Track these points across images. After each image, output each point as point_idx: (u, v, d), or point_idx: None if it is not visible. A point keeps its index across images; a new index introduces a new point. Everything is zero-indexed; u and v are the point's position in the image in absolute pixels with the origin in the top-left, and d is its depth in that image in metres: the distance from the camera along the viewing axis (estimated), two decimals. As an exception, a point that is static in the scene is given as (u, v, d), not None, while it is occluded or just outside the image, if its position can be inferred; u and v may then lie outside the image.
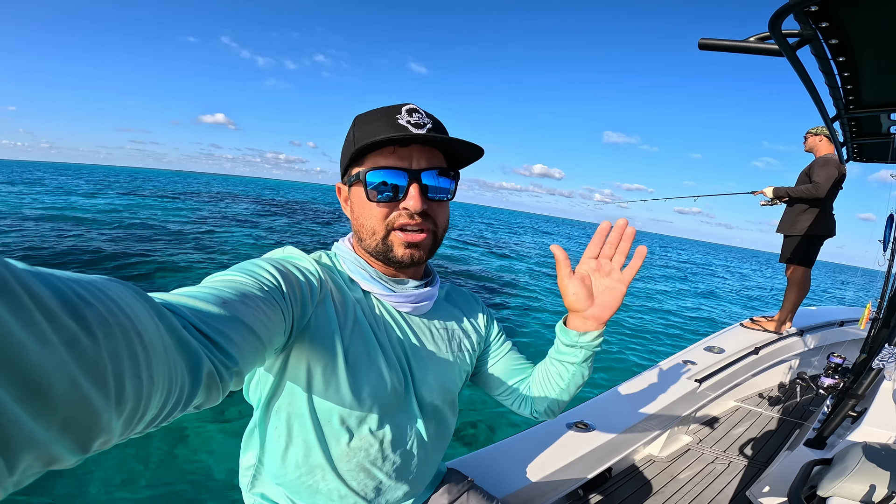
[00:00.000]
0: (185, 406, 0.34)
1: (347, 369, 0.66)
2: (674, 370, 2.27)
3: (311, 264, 0.68)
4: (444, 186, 0.71)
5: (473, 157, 0.73)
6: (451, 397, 0.83)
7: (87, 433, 0.22)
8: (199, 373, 0.35)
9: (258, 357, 0.49)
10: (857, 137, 1.79)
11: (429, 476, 0.85)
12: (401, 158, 0.67)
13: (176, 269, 7.82)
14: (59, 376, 0.20)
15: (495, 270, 11.98)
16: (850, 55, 1.02)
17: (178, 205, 20.35)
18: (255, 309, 0.49)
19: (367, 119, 0.69)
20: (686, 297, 12.79)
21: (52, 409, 0.20)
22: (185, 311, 0.40)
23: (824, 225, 3.14)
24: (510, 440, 1.45)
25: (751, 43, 1.03)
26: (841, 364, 2.09)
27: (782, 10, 0.86)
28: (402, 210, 0.68)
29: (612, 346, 6.31)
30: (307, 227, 17.12)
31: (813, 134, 3.19)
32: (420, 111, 0.68)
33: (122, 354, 0.24)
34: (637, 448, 1.79)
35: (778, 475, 1.72)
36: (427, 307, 0.79)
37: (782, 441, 2.34)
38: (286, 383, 0.68)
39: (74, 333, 0.21)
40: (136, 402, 0.25)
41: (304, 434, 0.69)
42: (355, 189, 0.70)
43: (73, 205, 15.85)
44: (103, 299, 0.25)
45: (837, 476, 1.20)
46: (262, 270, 0.57)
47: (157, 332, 0.29)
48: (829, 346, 3.31)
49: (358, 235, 0.72)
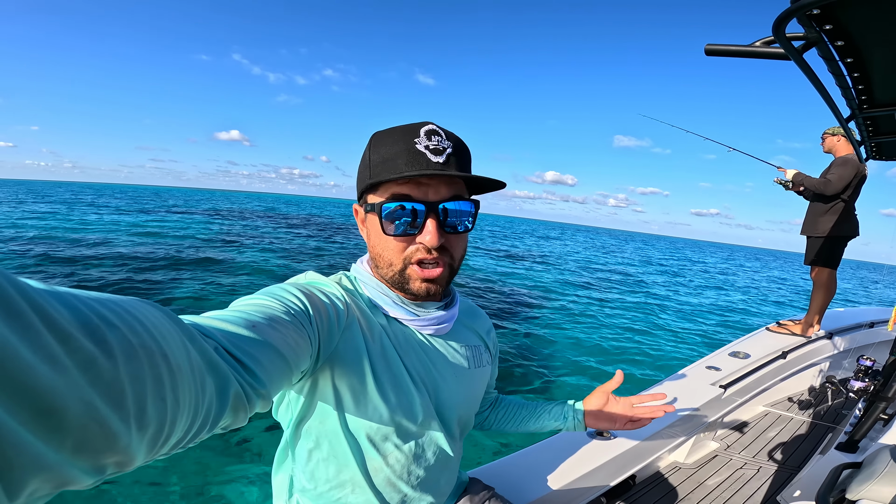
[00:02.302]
0: (212, 427, 0.34)
1: (375, 391, 0.67)
2: (697, 376, 2.23)
3: (335, 289, 0.68)
4: (464, 215, 0.68)
5: (495, 186, 0.71)
6: (474, 411, 0.86)
7: (102, 455, 0.22)
8: (227, 394, 0.36)
9: (285, 380, 0.49)
10: (874, 136, 1.76)
11: (451, 487, 0.87)
12: (418, 186, 0.64)
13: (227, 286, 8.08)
14: (72, 400, 0.20)
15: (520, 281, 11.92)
16: (858, 56, 1.01)
17: (229, 223, 21.19)
18: (283, 333, 0.50)
19: (384, 141, 0.66)
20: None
21: (63, 432, 0.19)
22: (215, 334, 0.40)
23: (847, 225, 3.08)
24: (531, 448, 1.45)
25: (757, 48, 1.03)
26: (871, 367, 2.03)
27: (784, 14, 0.85)
28: (419, 245, 0.66)
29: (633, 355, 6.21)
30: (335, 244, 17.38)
31: (830, 134, 3.15)
32: (440, 132, 0.65)
33: (144, 377, 0.24)
34: (661, 455, 1.77)
35: (809, 480, 1.67)
36: (448, 328, 0.79)
37: (814, 446, 2.28)
38: (316, 404, 0.68)
39: (91, 356, 0.21)
40: (159, 424, 0.25)
41: (334, 452, 0.71)
42: (371, 217, 0.69)
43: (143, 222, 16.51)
44: (129, 321, 0.25)
45: (866, 479, 1.17)
46: (289, 295, 0.58)
47: (186, 355, 0.30)
48: (858, 348, 3.21)
49: (375, 263, 0.71)
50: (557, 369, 5.21)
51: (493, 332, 0.93)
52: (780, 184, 3.37)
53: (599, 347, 6.35)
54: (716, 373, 2.26)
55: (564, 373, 5.14)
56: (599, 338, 6.83)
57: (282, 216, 32.30)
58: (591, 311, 8.93)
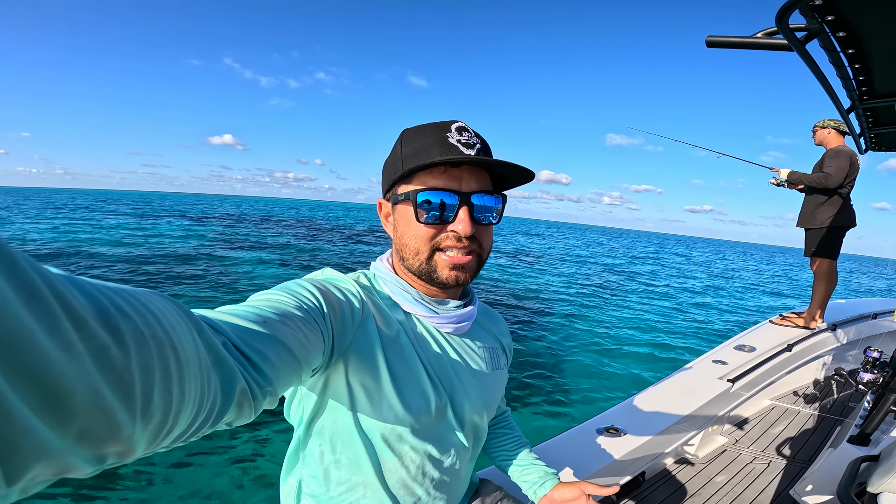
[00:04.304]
0: (216, 422, 0.34)
1: (391, 389, 0.66)
2: (704, 370, 2.22)
3: (352, 286, 0.68)
4: (492, 209, 0.70)
5: (522, 180, 0.72)
6: (492, 412, 0.85)
7: (105, 444, 0.22)
8: (233, 390, 0.35)
9: (294, 377, 0.48)
10: (873, 127, 1.76)
11: (464, 488, 0.86)
12: (451, 179, 0.66)
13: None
14: (81, 386, 0.19)
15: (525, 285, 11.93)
16: (860, 47, 1.01)
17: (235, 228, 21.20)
18: (295, 329, 0.49)
19: (416, 135, 0.68)
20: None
21: (69, 419, 0.19)
22: (225, 328, 0.40)
23: (845, 216, 3.10)
24: (540, 447, 1.44)
25: (759, 39, 1.03)
26: (879, 358, 2.02)
27: (788, 4, 0.86)
28: (449, 232, 0.67)
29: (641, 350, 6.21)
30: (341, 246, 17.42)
31: (821, 127, 3.17)
32: (469, 130, 0.68)
33: (153, 368, 0.24)
34: (670, 451, 1.76)
35: (822, 473, 1.66)
36: (467, 327, 0.79)
37: (823, 439, 2.27)
38: (329, 402, 0.67)
39: (104, 344, 0.21)
40: (163, 417, 0.25)
41: (347, 452, 0.70)
42: (401, 207, 0.69)
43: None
44: (142, 311, 0.25)
45: (887, 472, 1.16)
46: (304, 291, 0.57)
47: (194, 348, 0.29)
48: (863, 339, 3.21)
49: (400, 254, 0.71)
50: (566, 371, 5.21)
51: (509, 336, 0.93)
52: (776, 185, 3.37)
53: (606, 347, 6.35)
54: (722, 367, 2.26)
55: (574, 373, 5.13)
56: (607, 338, 6.83)
57: (277, 220, 32.37)
58: (604, 311, 8.95)
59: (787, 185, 3.32)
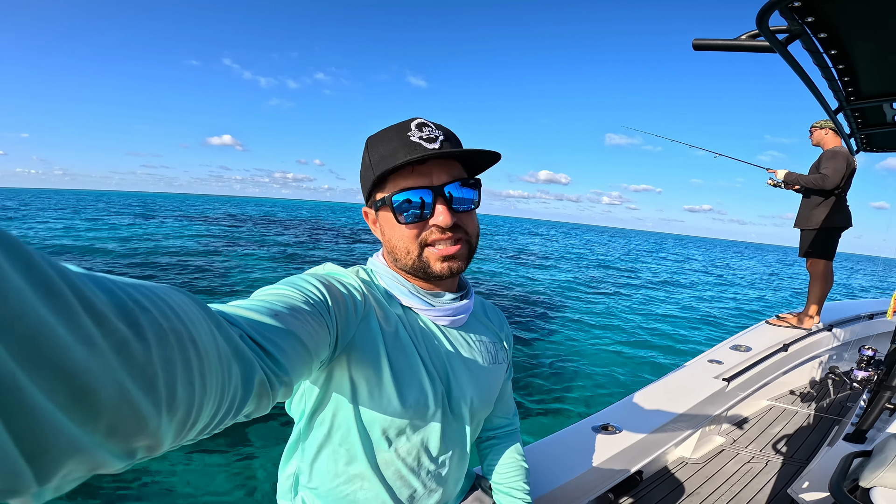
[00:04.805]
0: (236, 414, 0.35)
1: (391, 382, 0.68)
2: (700, 370, 2.23)
3: (353, 280, 0.69)
4: (468, 197, 0.71)
5: (490, 161, 0.73)
6: (489, 407, 0.86)
7: (134, 439, 0.22)
8: (252, 381, 0.36)
9: (306, 369, 0.49)
10: (863, 128, 1.77)
11: (461, 482, 0.87)
12: (421, 176, 0.67)
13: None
14: (106, 381, 0.20)
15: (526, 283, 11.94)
16: (842, 48, 1.02)
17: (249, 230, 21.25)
18: (303, 322, 0.50)
19: (379, 140, 0.69)
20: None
21: (97, 414, 0.19)
22: (240, 322, 0.41)
23: (840, 216, 3.10)
24: (537, 444, 1.45)
25: (743, 41, 1.05)
26: (873, 356, 2.03)
27: (767, 6, 0.87)
28: (432, 227, 0.69)
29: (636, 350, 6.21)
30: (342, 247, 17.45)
31: (818, 128, 3.17)
32: (429, 124, 0.69)
33: (175, 361, 0.24)
34: (667, 450, 1.76)
35: (819, 471, 1.67)
36: (464, 320, 0.80)
37: (821, 438, 2.28)
38: (331, 395, 0.69)
39: (125, 338, 0.21)
40: (187, 409, 0.26)
41: (347, 444, 0.71)
42: (383, 213, 0.71)
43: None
44: (161, 306, 0.25)
45: (878, 466, 1.17)
46: (308, 285, 0.58)
47: (213, 341, 0.30)
48: (859, 339, 3.21)
49: (393, 256, 0.73)
50: (564, 370, 5.21)
51: (509, 331, 0.94)
52: (773, 185, 3.38)
53: (605, 346, 6.35)
54: (718, 366, 2.27)
55: (573, 373, 5.13)
56: (611, 339, 6.83)
57: (277, 220, 32.42)
58: (610, 310, 8.96)
59: (783, 186, 3.32)
